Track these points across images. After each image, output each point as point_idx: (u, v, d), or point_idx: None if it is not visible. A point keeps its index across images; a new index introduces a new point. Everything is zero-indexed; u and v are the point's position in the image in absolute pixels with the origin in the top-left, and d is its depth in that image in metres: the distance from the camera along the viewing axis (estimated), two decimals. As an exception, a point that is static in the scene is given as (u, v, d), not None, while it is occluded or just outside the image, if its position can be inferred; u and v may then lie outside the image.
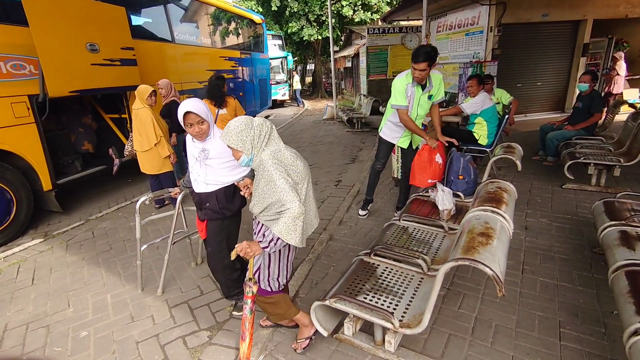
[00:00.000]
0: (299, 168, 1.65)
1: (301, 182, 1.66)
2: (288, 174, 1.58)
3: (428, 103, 3.12)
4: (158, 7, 6.32)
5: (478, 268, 1.30)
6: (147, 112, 3.67)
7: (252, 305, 1.67)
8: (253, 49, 10.21)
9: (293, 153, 1.68)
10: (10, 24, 3.65)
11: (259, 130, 1.60)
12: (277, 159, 1.59)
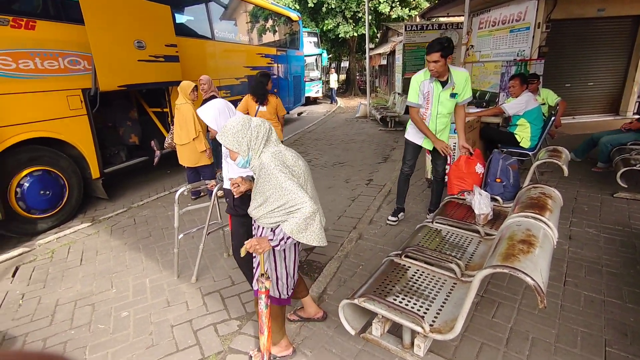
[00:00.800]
0: (301, 168, 1.60)
1: (304, 183, 1.60)
2: (292, 174, 1.52)
3: (451, 101, 2.92)
4: (200, 5, 6.55)
5: (518, 277, 1.24)
6: (189, 107, 3.83)
7: (266, 300, 1.65)
8: (289, 46, 10.32)
9: (293, 153, 1.63)
10: (68, 23, 3.93)
11: (257, 132, 1.53)
12: (279, 160, 1.53)
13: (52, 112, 3.84)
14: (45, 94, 3.77)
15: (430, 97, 2.94)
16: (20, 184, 3.58)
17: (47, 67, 3.75)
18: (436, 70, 2.73)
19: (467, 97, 2.95)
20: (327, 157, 6.28)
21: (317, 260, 2.93)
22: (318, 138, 7.96)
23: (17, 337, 2.14)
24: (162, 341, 2.08)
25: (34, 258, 3.09)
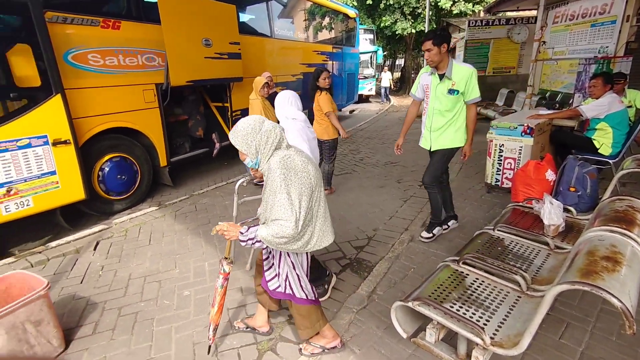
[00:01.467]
0: (310, 174, 1.56)
1: (316, 188, 1.59)
2: (299, 184, 1.49)
3: (448, 98, 2.73)
4: (261, 4, 6.79)
5: (602, 297, 1.12)
6: (257, 104, 4.03)
7: (223, 282, 1.76)
8: (345, 43, 10.31)
9: (304, 158, 1.58)
10: (147, 23, 4.29)
11: (267, 137, 1.52)
12: (287, 167, 1.49)
13: (130, 105, 4.24)
14: (125, 88, 4.17)
15: (428, 90, 2.85)
16: (101, 168, 4.01)
17: (128, 64, 4.14)
18: (430, 59, 2.65)
19: (473, 96, 2.72)
20: (379, 156, 6.19)
21: (367, 259, 2.91)
22: (370, 136, 7.88)
23: (98, 304, 2.41)
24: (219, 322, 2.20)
25: (111, 235, 3.44)
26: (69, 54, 3.52)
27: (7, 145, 3.02)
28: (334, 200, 4.18)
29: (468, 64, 2.77)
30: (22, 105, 3.12)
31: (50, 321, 1.88)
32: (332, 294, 2.45)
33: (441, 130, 2.90)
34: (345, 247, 3.12)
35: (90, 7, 3.71)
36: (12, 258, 3.03)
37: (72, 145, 3.46)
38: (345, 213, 3.83)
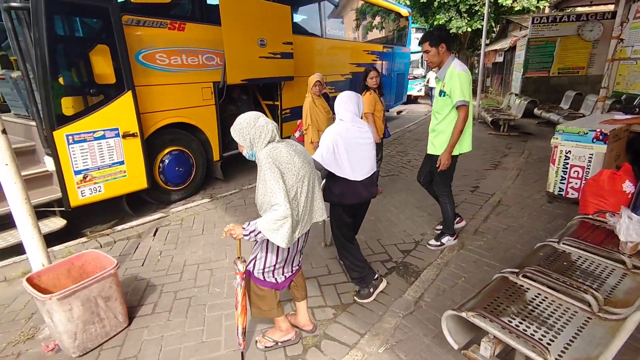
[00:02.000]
0: (296, 165, 1.64)
1: (301, 180, 1.65)
2: (283, 173, 1.58)
3: (440, 100, 2.68)
4: (313, 4, 6.86)
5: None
6: (307, 101, 4.12)
7: (240, 281, 1.75)
8: (396, 42, 10.10)
9: (292, 150, 1.67)
10: (208, 24, 4.53)
11: (260, 131, 1.63)
12: (272, 158, 1.59)
13: (189, 102, 4.50)
14: (186, 85, 4.43)
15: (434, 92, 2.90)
16: (162, 160, 4.30)
17: (190, 63, 4.40)
18: (430, 60, 2.67)
19: (457, 97, 2.56)
20: (427, 159, 5.98)
21: (413, 263, 2.83)
22: (419, 138, 7.65)
23: (157, 286, 2.59)
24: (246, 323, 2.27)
25: (169, 223, 3.69)
26: (140, 54, 3.82)
27: (86, 136, 3.35)
28: (380, 202, 4.11)
29: (460, 65, 2.64)
30: (99, 100, 3.45)
31: (118, 298, 2.06)
32: (377, 296, 2.41)
33: (435, 134, 2.87)
34: (391, 249, 3.06)
35: (160, 11, 3.99)
36: (85, 238, 3.37)
37: (138, 138, 3.76)
38: (391, 215, 3.75)
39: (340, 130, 2.17)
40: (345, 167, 2.14)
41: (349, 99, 2.27)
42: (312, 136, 4.21)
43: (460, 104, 2.60)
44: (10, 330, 2.16)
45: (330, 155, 2.11)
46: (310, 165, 1.76)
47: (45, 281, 2.01)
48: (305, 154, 1.76)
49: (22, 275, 2.77)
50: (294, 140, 1.85)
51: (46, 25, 2.92)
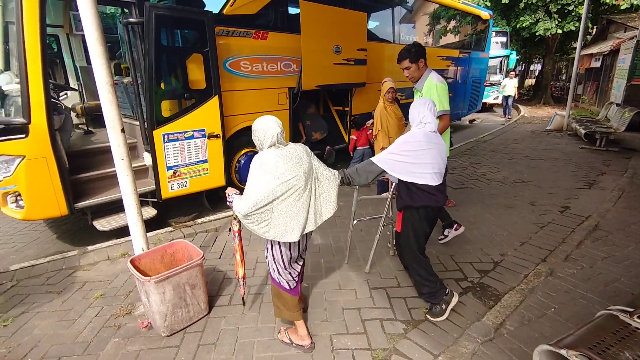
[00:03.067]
0: (279, 170, 1.75)
1: (284, 183, 1.74)
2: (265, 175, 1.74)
3: None
4: (387, 10, 6.77)
5: None
6: (378, 107, 4.12)
7: (234, 238, 2.04)
8: (473, 47, 9.55)
9: (280, 156, 1.77)
10: (288, 33, 4.73)
11: (264, 135, 1.81)
12: (259, 162, 1.78)
13: (266, 106, 4.74)
14: (264, 91, 4.67)
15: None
16: (239, 160, 4.59)
17: (269, 70, 4.64)
18: (411, 76, 2.88)
19: (437, 108, 2.56)
20: (506, 172, 5.52)
21: (492, 286, 2.61)
22: (495, 150, 7.10)
23: (232, 279, 2.76)
24: (334, 319, 2.27)
25: (242, 220, 3.91)
26: (227, 62, 4.13)
27: (178, 136, 3.71)
28: (452, 215, 3.88)
29: (437, 77, 2.86)
30: (191, 103, 3.80)
31: (201, 287, 2.22)
32: (451, 316, 2.27)
33: None
34: (466, 268, 2.86)
35: (247, 21, 4.27)
36: (171, 228, 3.72)
37: (220, 139, 4.06)
38: (466, 230, 3.51)
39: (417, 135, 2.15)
40: (424, 171, 2.11)
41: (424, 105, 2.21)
42: (382, 142, 4.15)
43: (442, 114, 2.83)
44: (112, 304, 2.47)
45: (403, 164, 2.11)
46: (300, 173, 1.80)
47: (144, 264, 2.26)
48: (299, 162, 1.81)
49: (121, 256, 3.16)
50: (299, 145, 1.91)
51: (155, 36, 3.31)
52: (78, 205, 3.36)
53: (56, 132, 3.13)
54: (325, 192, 1.93)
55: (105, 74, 1.95)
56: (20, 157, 2.97)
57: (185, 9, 3.72)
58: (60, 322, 2.30)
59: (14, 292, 2.64)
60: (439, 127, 2.82)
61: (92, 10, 1.85)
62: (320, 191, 1.91)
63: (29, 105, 2.89)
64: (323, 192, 1.92)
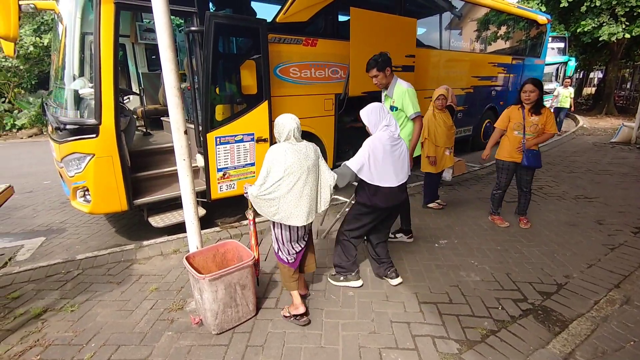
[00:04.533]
0: (287, 162, 2.04)
1: (289, 174, 2.04)
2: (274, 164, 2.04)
3: (392, 114, 2.81)
4: (434, 16, 6.59)
5: None
6: (427, 115, 4.02)
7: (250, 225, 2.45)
8: (528, 53, 9.02)
9: (290, 150, 2.06)
10: (337, 40, 4.75)
11: (282, 129, 2.11)
12: (271, 151, 2.08)
13: (312, 112, 4.78)
14: (312, 97, 4.71)
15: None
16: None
17: (317, 76, 4.68)
18: (379, 83, 3.16)
19: (410, 111, 3.08)
20: (565, 187, 5.10)
21: (557, 310, 2.39)
22: (552, 162, 6.61)
23: (278, 282, 2.77)
24: (383, 332, 2.19)
25: (286, 223, 3.94)
26: (277, 68, 4.22)
27: (229, 139, 3.83)
28: (506, 230, 3.65)
29: (405, 83, 3.15)
30: (242, 108, 3.92)
31: (251, 288, 2.25)
32: (510, 340, 2.10)
33: None
34: (525, 288, 2.65)
35: (298, 29, 4.35)
36: (218, 228, 3.83)
37: (268, 143, 4.14)
38: (522, 247, 3.28)
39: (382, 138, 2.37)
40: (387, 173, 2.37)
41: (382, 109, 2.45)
42: (428, 150, 4.02)
43: (415, 116, 3.12)
44: (166, 298, 2.57)
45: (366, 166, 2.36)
46: (305, 167, 2.08)
47: (198, 262, 2.33)
48: (306, 157, 2.10)
49: (173, 252, 3.30)
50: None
51: (213, 44, 3.47)
52: (136, 201, 3.57)
53: (121, 132, 3.36)
54: (324, 189, 2.24)
55: (174, 79, 2.06)
56: (90, 155, 3.22)
57: (242, 17, 3.86)
58: (120, 311, 2.44)
59: (79, 279, 2.85)
60: (416, 130, 3.18)
61: (165, 18, 1.97)
62: (321, 187, 2.23)
63: (101, 108, 3.13)
64: (322, 188, 2.24)
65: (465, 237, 3.49)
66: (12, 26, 2.43)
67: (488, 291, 2.60)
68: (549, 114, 3.46)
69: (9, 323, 2.30)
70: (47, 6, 4.37)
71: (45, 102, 4.17)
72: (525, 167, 3.59)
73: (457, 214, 4.13)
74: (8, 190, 2.30)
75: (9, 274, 2.91)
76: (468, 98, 7.24)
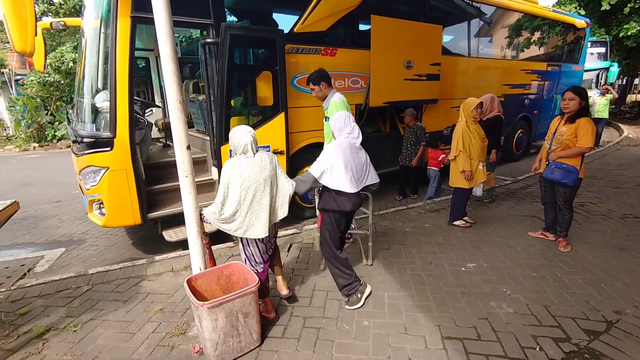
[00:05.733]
0: (242, 175, 2.11)
1: (246, 188, 2.12)
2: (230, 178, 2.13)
3: (326, 125, 3.24)
4: (462, 23, 6.29)
5: None
6: (460, 125, 3.74)
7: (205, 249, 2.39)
8: (565, 59, 8.47)
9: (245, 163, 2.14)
10: (357, 49, 4.59)
11: (237, 143, 2.18)
12: (227, 166, 2.16)
13: (332, 123, 4.61)
14: (331, 108, 4.56)
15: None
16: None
17: (337, 86, 4.51)
18: (317, 95, 3.28)
19: None
20: (610, 204, 4.61)
21: (608, 355, 2.04)
22: (594, 176, 6.05)
23: (287, 307, 2.57)
24: None
25: (301, 240, 3.76)
26: (295, 79, 4.11)
27: (244, 152, 3.73)
28: (543, 253, 3.28)
29: (338, 96, 3.26)
30: (258, 120, 3.83)
31: (255, 315, 2.08)
32: (552, 391, 1.79)
33: None
34: (567, 324, 2.31)
35: (317, 38, 4.24)
36: (232, 243, 3.71)
37: (284, 155, 4.01)
38: (562, 274, 2.92)
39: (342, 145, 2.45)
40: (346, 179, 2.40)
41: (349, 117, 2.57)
42: (463, 164, 3.71)
43: None
44: (169, 320, 2.45)
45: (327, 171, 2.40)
46: (261, 179, 2.15)
47: (200, 284, 2.19)
48: (261, 169, 2.16)
49: (184, 269, 3.20)
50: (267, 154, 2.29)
51: (228, 55, 3.40)
52: (150, 215, 3.53)
53: (136, 145, 3.34)
54: (282, 197, 2.30)
55: (176, 92, 1.96)
56: (104, 168, 3.21)
57: (258, 28, 3.80)
58: (121, 333, 2.34)
59: (87, 296, 2.79)
60: None
61: (166, 28, 1.89)
62: (278, 196, 2.29)
63: (115, 121, 3.13)
64: (280, 197, 2.30)
65: (496, 261, 3.16)
66: (29, 41, 2.44)
67: (523, 326, 2.28)
68: (582, 125, 3.09)
69: (12, 342, 2.26)
70: (75, 23, 4.54)
71: (68, 115, 4.28)
72: (554, 182, 3.31)
73: (486, 233, 3.79)
74: (13, 206, 2.27)
75: (22, 287, 2.91)
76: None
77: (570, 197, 3.30)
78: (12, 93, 13.29)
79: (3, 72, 13.37)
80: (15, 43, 2.39)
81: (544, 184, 3.49)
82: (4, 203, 2.25)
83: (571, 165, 3.16)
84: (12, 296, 2.78)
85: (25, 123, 12.22)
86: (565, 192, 3.28)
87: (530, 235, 3.65)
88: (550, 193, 3.46)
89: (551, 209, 3.53)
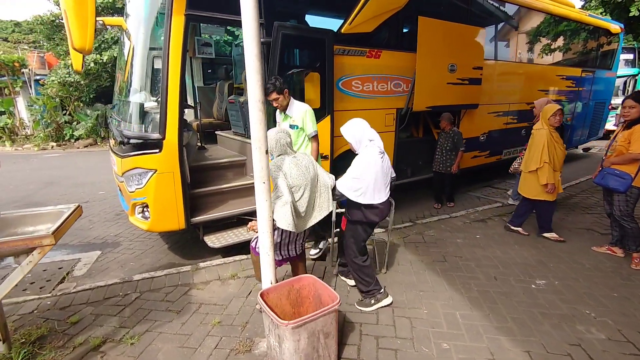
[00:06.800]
0: (292, 175, 2.23)
1: (298, 185, 2.24)
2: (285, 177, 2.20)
3: (293, 132, 3.14)
4: (500, 24, 6.09)
5: None
6: (543, 134, 3.51)
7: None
8: (599, 65, 8.24)
9: (293, 163, 2.26)
10: (402, 51, 4.43)
11: (275, 145, 2.27)
12: (277, 165, 2.23)
13: (373, 127, 4.44)
14: (373, 111, 4.39)
15: (279, 126, 3.26)
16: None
17: (379, 89, 4.37)
18: (280, 105, 3.16)
19: (310, 130, 3.18)
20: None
21: None
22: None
23: (354, 324, 2.40)
24: None
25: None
26: (340, 81, 3.96)
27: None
28: (618, 272, 3.06)
29: (303, 104, 3.23)
30: (305, 123, 3.67)
31: (334, 336, 1.91)
32: None
33: None
34: (668, 354, 2.10)
35: (363, 40, 4.09)
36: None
37: (328, 160, 3.85)
38: (598, 306, 2.64)
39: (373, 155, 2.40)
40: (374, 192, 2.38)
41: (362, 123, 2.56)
42: (548, 176, 3.47)
43: (315, 134, 3.21)
44: (230, 335, 2.29)
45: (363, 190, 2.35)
46: (308, 180, 2.27)
47: (271, 299, 2.03)
48: (306, 169, 2.29)
49: (231, 277, 3.05)
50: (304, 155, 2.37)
51: (279, 55, 3.27)
52: (194, 220, 3.39)
53: (183, 148, 3.21)
54: (325, 192, 2.39)
55: (259, 92, 1.82)
56: (152, 171, 3.08)
57: (309, 28, 3.67)
58: (182, 348, 2.18)
59: (138, 304, 2.65)
60: (314, 149, 3.25)
61: (254, 24, 1.75)
62: (321, 191, 2.37)
63: (166, 123, 3.00)
64: (323, 192, 2.38)
65: (567, 278, 2.95)
66: (88, 39, 2.35)
67: (623, 356, 2.07)
68: (636, 131, 2.98)
69: (69, 354, 2.11)
70: (115, 22, 4.45)
71: (110, 116, 4.18)
72: (605, 188, 3.26)
73: (546, 247, 3.57)
74: (77, 210, 2.14)
75: (68, 293, 2.78)
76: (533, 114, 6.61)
77: (625, 207, 3.13)
78: (32, 93, 13.36)
79: (23, 72, 13.45)
80: (75, 40, 2.30)
81: (606, 195, 3.38)
82: (69, 207, 2.11)
83: (624, 171, 3.06)
84: (59, 302, 2.65)
85: (44, 122, 12.26)
86: (619, 200, 3.14)
87: (595, 251, 3.43)
88: (610, 204, 3.28)
89: (616, 221, 3.32)
